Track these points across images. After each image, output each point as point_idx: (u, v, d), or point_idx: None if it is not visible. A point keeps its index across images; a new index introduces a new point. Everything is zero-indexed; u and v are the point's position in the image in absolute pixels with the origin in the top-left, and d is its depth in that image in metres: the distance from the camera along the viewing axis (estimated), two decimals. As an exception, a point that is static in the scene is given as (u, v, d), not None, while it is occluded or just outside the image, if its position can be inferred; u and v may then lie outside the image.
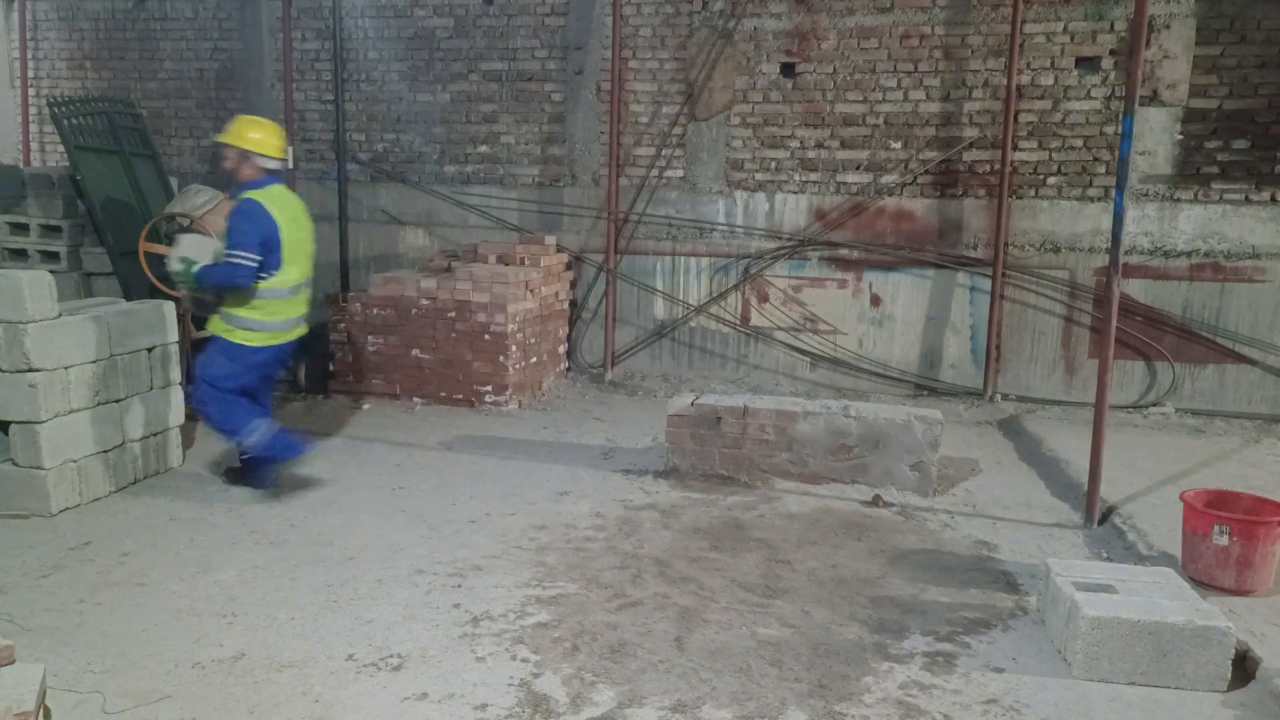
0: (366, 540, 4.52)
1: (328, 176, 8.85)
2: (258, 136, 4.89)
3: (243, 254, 4.74)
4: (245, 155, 4.87)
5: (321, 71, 8.79)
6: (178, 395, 5.56)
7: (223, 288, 4.88)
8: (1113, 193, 6.72)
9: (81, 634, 3.53)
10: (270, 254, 4.82)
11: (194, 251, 5.10)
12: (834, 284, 7.83)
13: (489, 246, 7.78)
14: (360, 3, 8.56)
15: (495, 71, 8.40)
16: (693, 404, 5.64)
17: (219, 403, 4.94)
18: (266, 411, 5.26)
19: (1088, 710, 3.18)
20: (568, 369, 8.41)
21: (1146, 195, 7.19)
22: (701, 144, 8.02)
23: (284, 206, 4.91)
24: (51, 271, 5.39)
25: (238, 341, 4.93)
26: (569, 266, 8.29)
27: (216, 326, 5.01)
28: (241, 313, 4.90)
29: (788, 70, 7.75)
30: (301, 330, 5.17)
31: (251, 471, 5.17)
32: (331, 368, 7.51)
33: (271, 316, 4.94)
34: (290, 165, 8.58)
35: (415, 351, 7.25)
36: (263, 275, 4.84)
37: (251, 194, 4.84)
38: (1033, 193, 7.39)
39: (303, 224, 5.05)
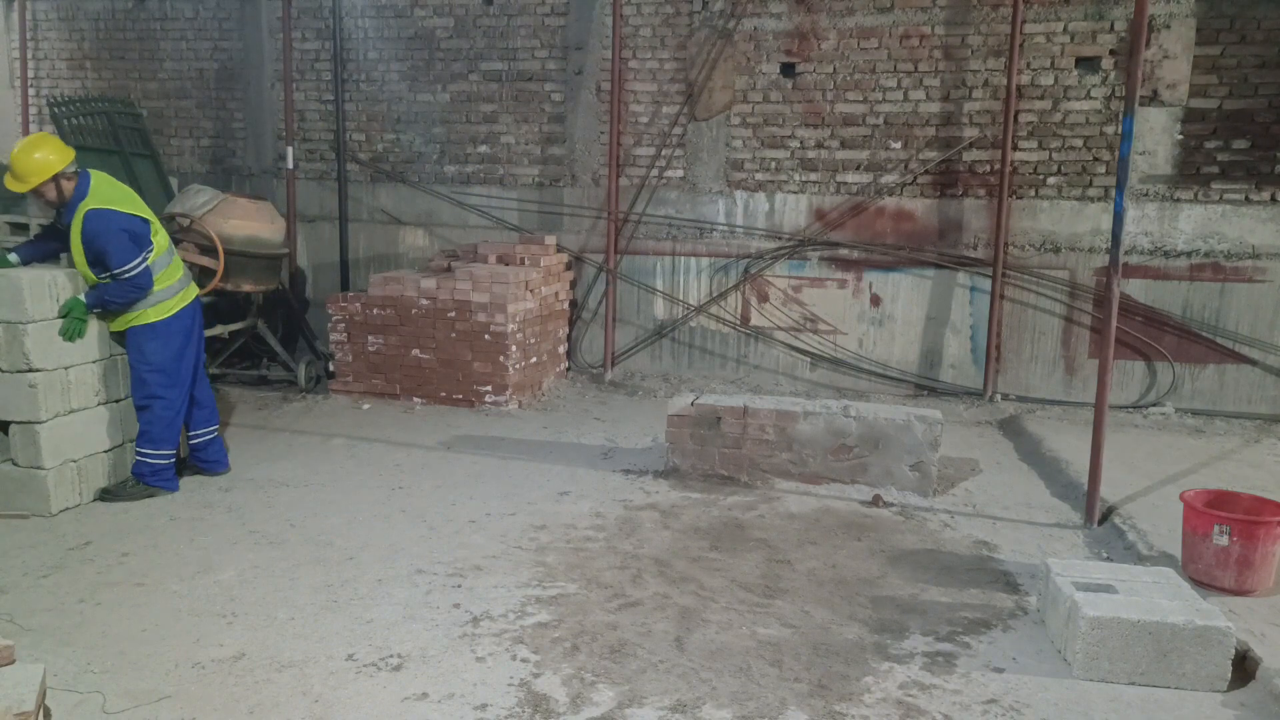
0: (366, 540, 4.52)
1: (328, 176, 8.85)
2: (43, 156, 4.69)
3: (132, 265, 4.75)
4: (53, 181, 4.72)
5: (321, 71, 8.79)
6: (178, 395, 5.55)
7: (129, 301, 4.84)
8: (1113, 193, 6.73)
9: (81, 634, 3.53)
10: (144, 243, 4.83)
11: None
12: (834, 284, 7.83)
13: (489, 246, 7.78)
14: (360, 3, 8.56)
15: (495, 71, 8.40)
16: (693, 404, 5.64)
17: (167, 413, 4.99)
18: (209, 413, 5.36)
19: (1088, 710, 3.19)
20: (568, 369, 8.41)
21: (1146, 195, 7.19)
22: (701, 144, 8.02)
23: (114, 188, 4.88)
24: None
25: (159, 319, 4.94)
26: (569, 266, 8.29)
27: (124, 323, 4.94)
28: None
29: (788, 70, 7.75)
30: (195, 290, 5.23)
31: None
32: (331, 368, 7.51)
33: (168, 281, 4.98)
34: (290, 166, 8.62)
35: (415, 351, 7.25)
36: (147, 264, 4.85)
37: (88, 206, 4.72)
38: (1033, 193, 7.39)
39: (132, 193, 5.00)
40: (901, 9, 7.45)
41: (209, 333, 7.26)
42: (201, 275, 6.92)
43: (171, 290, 5.01)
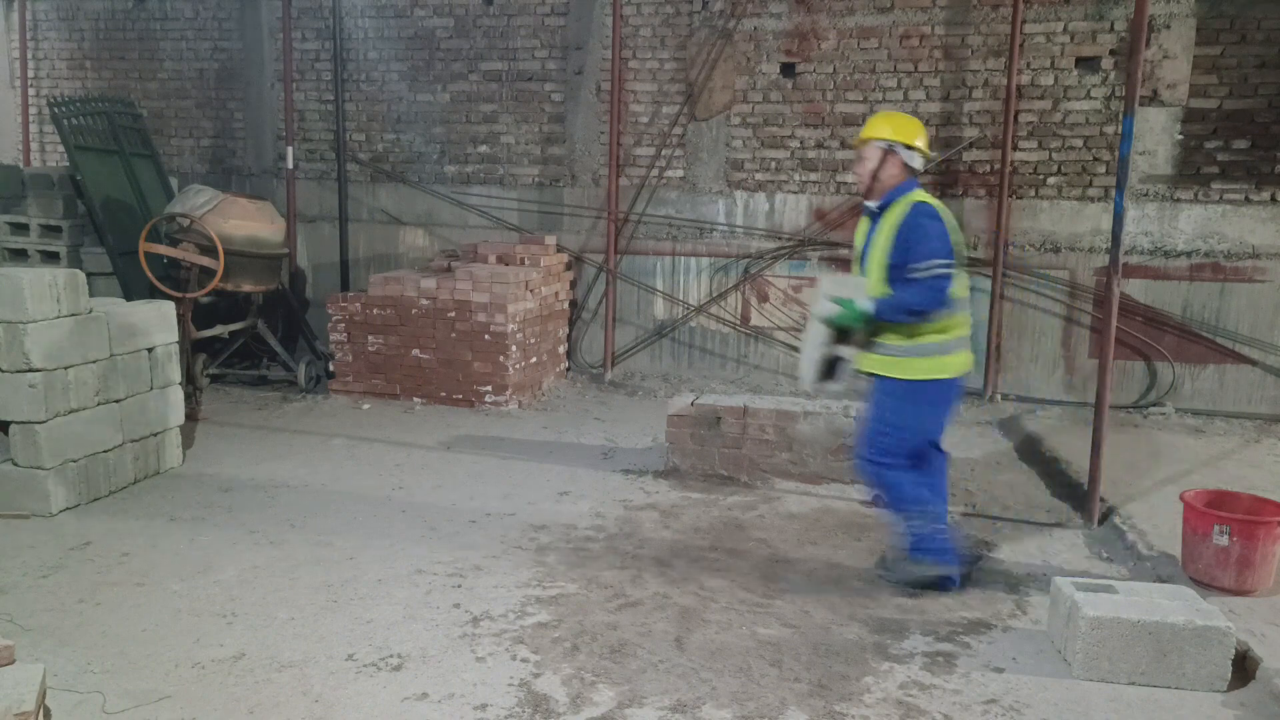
0: (366, 540, 4.52)
1: (328, 176, 8.85)
2: (902, 128, 3.99)
3: (941, 262, 3.79)
4: (890, 151, 3.96)
5: (321, 71, 8.79)
6: (178, 395, 5.56)
7: (924, 312, 3.85)
8: (1113, 193, 6.72)
9: (81, 634, 3.53)
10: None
11: (843, 289, 4.00)
12: (834, 284, 7.82)
13: (489, 246, 7.78)
14: (360, 3, 8.56)
15: (495, 71, 8.40)
16: (693, 404, 5.64)
17: (896, 471, 3.99)
18: (940, 483, 4.19)
19: (1088, 710, 3.18)
20: (568, 369, 8.40)
21: (1146, 195, 7.19)
22: (701, 144, 8.02)
23: (943, 211, 3.96)
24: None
25: (924, 378, 3.90)
26: (569, 266, 8.29)
27: (886, 367, 3.98)
28: (925, 339, 3.91)
29: (788, 70, 7.75)
30: (969, 357, 4.08)
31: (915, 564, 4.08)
32: (331, 368, 7.51)
33: (948, 334, 3.91)
34: (290, 166, 8.62)
35: (415, 351, 7.24)
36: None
37: (916, 199, 3.93)
38: (1033, 193, 7.39)
39: (957, 230, 4.01)
40: (901, 9, 7.45)
41: (209, 333, 7.29)
42: (201, 275, 6.93)
43: (955, 346, 3.96)
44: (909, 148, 3.97)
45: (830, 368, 4.09)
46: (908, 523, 4.04)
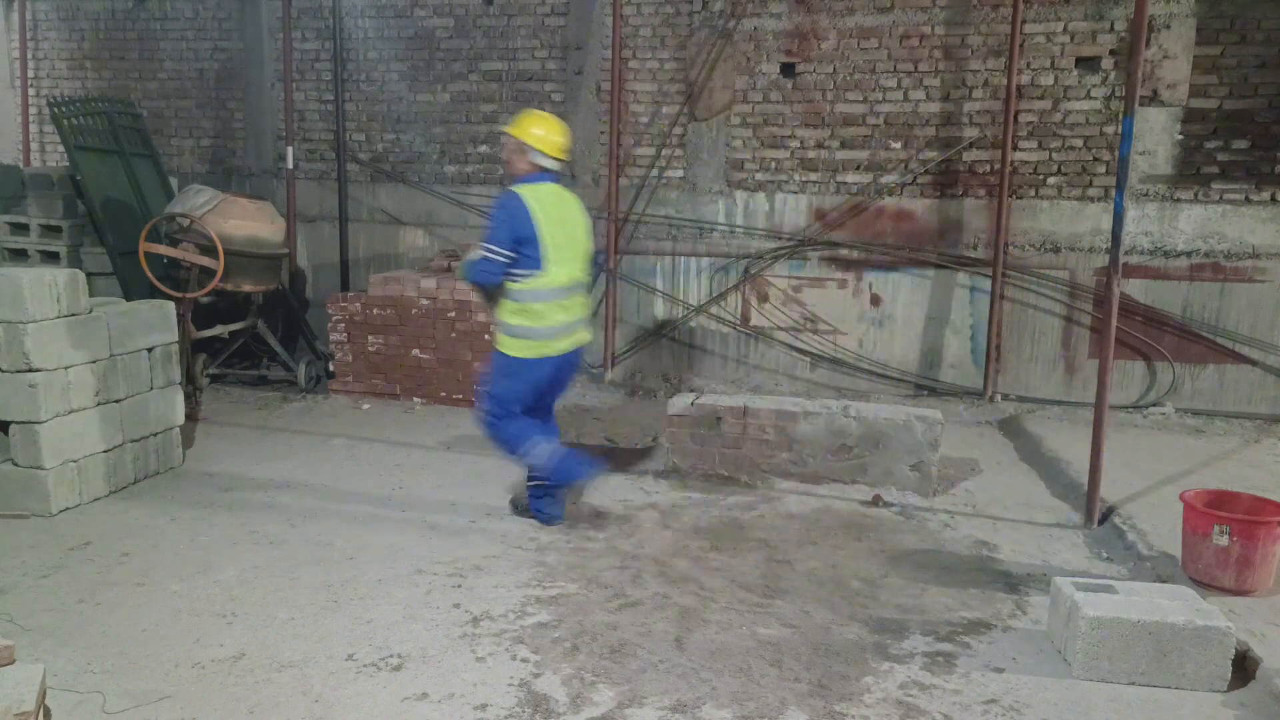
0: (366, 540, 4.53)
1: (328, 176, 8.85)
2: (540, 133, 4.58)
3: (492, 248, 4.40)
4: (522, 148, 4.57)
5: (321, 71, 8.79)
6: (178, 395, 5.57)
7: (475, 282, 4.58)
8: (1113, 193, 6.72)
9: (81, 634, 3.53)
10: (526, 252, 4.43)
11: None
12: (834, 284, 7.83)
13: (489, 246, 7.76)
14: (360, 3, 8.56)
15: (495, 71, 8.40)
16: (693, 404, 5.64)
17: (499, 421, 4.62)
18: (551, 430, 4.89)
19: (1088, 710, 3.19)
20: (568, 369, 8.40)
21: (1146, 195, 7.19)
22: (701, 144, 8.02)
23: (549, 204, 4.53)
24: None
25: (507, 352, 4.56)
26: (569, 266, 8.27)
27: (498, 342, 4.67)
28: (508, 318, 4.55)
29: (788, 70, 7.75)
30: (581, 338, 4.72)
31: (535, 500, 4.82)
32: (331, 368, 7.51)
33: (536, 321, 4.50)
34: (290, 166, 8.62)
35: (415, 351, 7.25)
36: (518, 274, 4.46)
37: (517, 188, 4.53)
38: (1033, 193, 7.39)
39: (573, 224, 4.65)
40: (901, 9, 7.45)
41: (209, 333, 7.28)
42: (201, 275, 6.93)
43: (539, 333, 4.54)
44: (538, 149, 4.58)
45: None
46: (525, 460, 4.67)
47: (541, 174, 4.61)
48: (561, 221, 4.56)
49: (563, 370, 4.70)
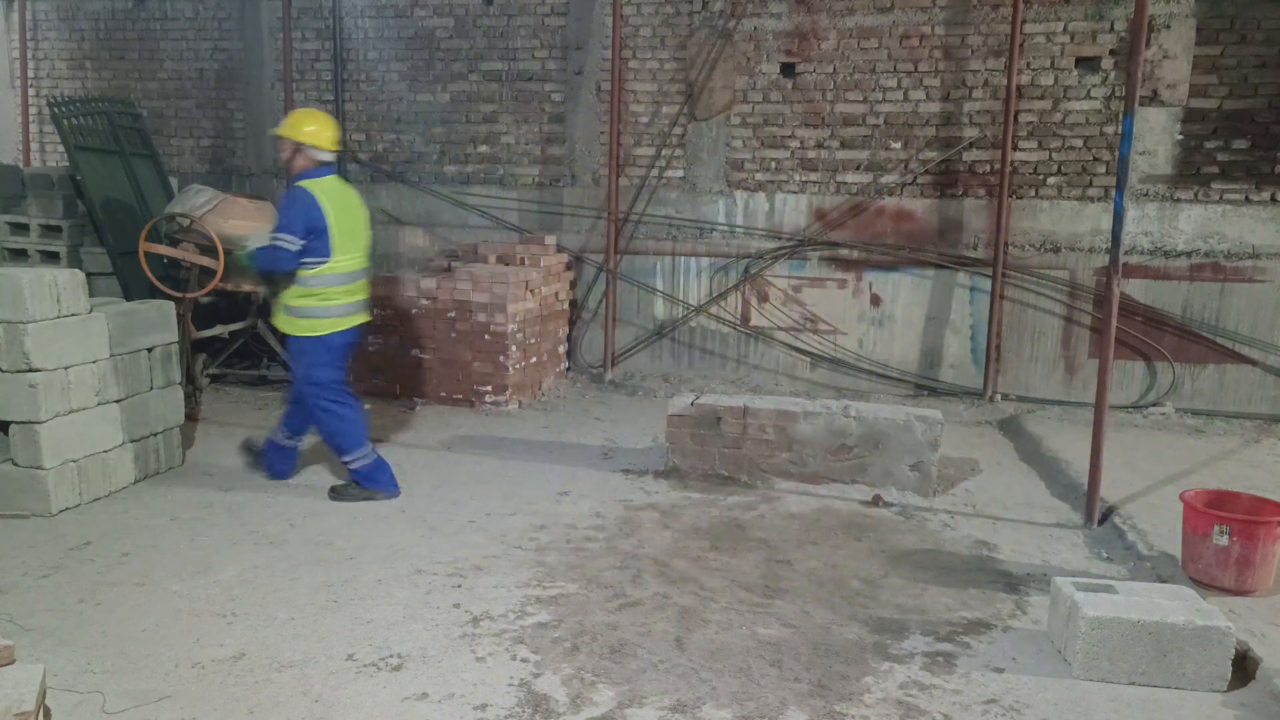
0: (366, 540, 4.52)
1: (328, 176, 8.84)
2: (312, 129, 4.99)
3: (285, 237, 4.80)
4: (299, 148, 4.97)
5: (321, 71, 8.79)
6: (178, 395, 5.56)
7: (268, 270, 4.96)
8: (1113, 193, 6.72)
9: (81, 634, 3.53)
10: (317, 241, 4.84)
11: (258, 238, 5.39)
12: (834, 284, 7.83)
13: (489, 246, 7.78)
14: (360, 3, 8.56)
15: (495, 71, 8.40)
16: (693, 404, 5.64)
17: (333, 414, 5.03)
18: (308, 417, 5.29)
19: (1088, 710, 3.19)
20: (568, 369, 8.41)
21: (1146, 195, 7.19)
22: (701, 144, 8.02)
23: (334, 196, 4.95)
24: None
25: (304, 334, 4.96)
26: (569, 266, 8.28)
27: (283, 325, 5.07)
28: (299, 302, 4.93)
29: (788, 70, 7.75)
30: (363, 317, 5.20)
31: (273, 453, 5.36)
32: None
33: (328, 302, 4.94)
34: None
35: (415, 351, 7.24)
36: (310, 262, 4.85)
37: (302, 183, 4.90)
38: (1033, 193, 7.39)
39: (355, 213, 5.07)
40: (901, 9, 7.45)
41: (209, 333, 7.28)
42: (201, 275, 6.93)
43: (333, 311, 4.97)
44: (314, 145, 4.95)
45: None
46: (350, 464, 5.10)
47: (321, 168, 4.98)
48: (346, 212, 4.96)
49: (347, 348, 5.13)
